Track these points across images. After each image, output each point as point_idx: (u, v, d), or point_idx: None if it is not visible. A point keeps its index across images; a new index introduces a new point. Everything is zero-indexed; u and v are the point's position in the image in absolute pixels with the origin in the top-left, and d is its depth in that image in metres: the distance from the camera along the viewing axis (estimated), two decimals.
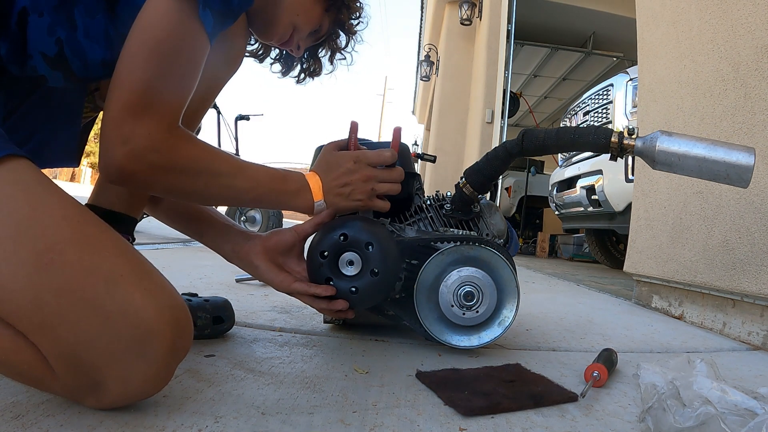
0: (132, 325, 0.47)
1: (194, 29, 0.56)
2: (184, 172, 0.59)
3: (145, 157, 0.55)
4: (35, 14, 0.56)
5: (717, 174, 0.76)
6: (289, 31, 0.75)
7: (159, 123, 0.55)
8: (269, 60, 0.89)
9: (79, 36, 0.59)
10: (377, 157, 0.76)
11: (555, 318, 1.35)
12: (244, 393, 0.60)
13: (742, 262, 1.21)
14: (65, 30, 0.58)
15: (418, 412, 0.59)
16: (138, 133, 0.54)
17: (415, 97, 13.21)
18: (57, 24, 0.57)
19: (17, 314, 0.46)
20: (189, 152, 0.59)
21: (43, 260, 0.46)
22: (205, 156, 0.62)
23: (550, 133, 0.85)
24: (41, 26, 0.57)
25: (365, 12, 0.86)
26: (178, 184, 0.60)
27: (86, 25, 0.59)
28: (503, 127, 4.74)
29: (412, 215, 0.93)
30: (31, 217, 0.47)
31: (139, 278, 0.49)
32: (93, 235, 0.50)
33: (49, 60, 0.59)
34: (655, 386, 0.54)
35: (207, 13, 0.56)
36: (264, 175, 0.68)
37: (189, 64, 0.57)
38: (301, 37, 0.78)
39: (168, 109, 0.56)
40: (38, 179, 0.50)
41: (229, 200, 0.72)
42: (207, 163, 0.62)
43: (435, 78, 7.77)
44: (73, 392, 0.50)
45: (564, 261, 5.02)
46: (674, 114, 1.59)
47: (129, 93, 0.53)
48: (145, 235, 3.46)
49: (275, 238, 0.79)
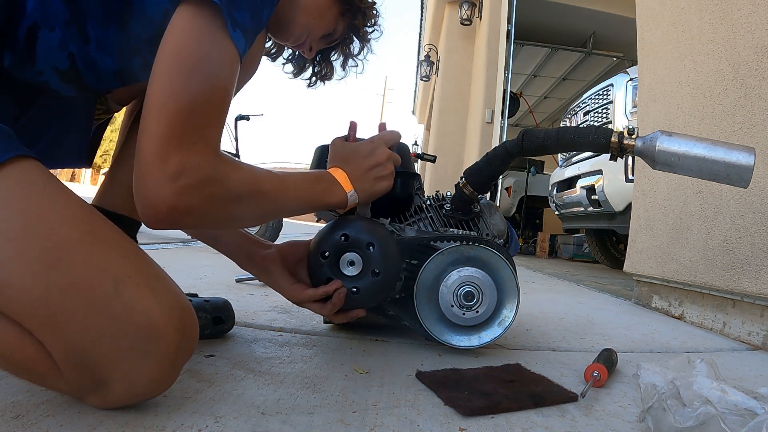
0: (138, 325, 0.47)
1: (226, 47, 0.53)
2: (240, 199, 0.57)
3: (202, 190, 0.51)
4: (46, 29, 0.55)
5: (717, 174, 0.76)
6: (305, 33, 0.75)
7: (207, 151, 0.52)
8: (281, 60, 0.88)
9: (91, 49, 0.59)
10: (392, 137, 0.78)
11: (555, 318, 1.35)
12: (244, 393, 0.60)
13: (742, 262, 1.21)
14: (77, 44, 0.58)
15: (418, 412, 0.59)
16: (190, 165, 0.50)
17: (415, 97, 13.21)
18: (68, 38, 0.57)
19: (24, 312, 0.46)
20: (240, 176, 0.57)
21: (50, 259, 0.46)
22: (252, 177, 0.59)
23: (550, 133, 0.85)
24: (52, 41, 0.56)
25: (379, 22, 0.85)
26: (235, 212, 0.58)
27: (99, 39, 0.58)
28: (503, 127, 4.74)
29: (412, 215, 0.93)
30: (39, 216, 0.47)
31: (146, 279, 0.49)
32: (101, 235, 0.50)
33: (61, 74, 0.59)
34: (655, 386, 0.54)
35: (238, 33, 0.53)
36: (301, 182, 0.67)
37: (227, 85, 0.54)
38: (313, 39, 0.77)
39: (213, 136, 0.53)
40: (46, 180, 0.50)
41: (276, 216, 0.70)
42: (256, 184, 0.59)
43: (435, 78, 7.76)
44: (78, 390, 0.50)
45: (564, 261, 5.02)
46: (674, 114, 1.58)
47: (171, 122, 0.49)
48: (145, 236, 3.46)
49: (292, 248, 0.81)
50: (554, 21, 6.00)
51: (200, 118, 0.51)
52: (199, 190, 0.51)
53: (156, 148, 0.49)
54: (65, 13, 0.56)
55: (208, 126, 0.53)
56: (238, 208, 0.58)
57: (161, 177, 0.49)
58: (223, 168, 0.54)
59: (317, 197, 0.69)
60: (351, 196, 0.72)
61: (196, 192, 0.51)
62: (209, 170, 0.52)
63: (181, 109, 0.50)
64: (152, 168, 0.49)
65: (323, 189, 0.70)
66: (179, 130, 0.49)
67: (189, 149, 0.50)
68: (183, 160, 0.49)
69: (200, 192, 0.51)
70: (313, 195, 0.68)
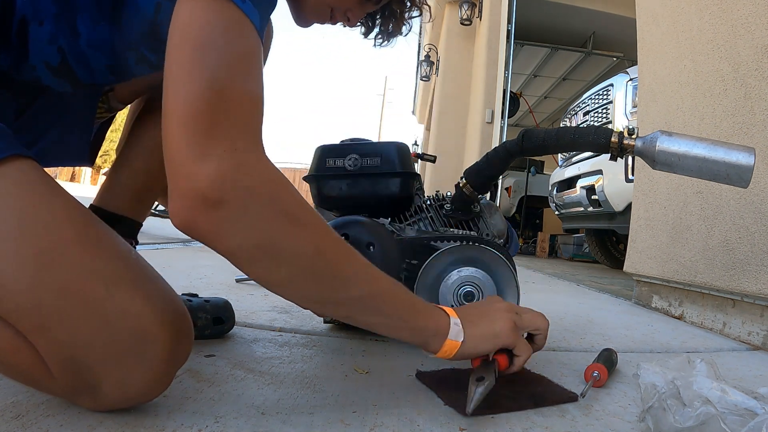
0: (131, 329, 0.46)
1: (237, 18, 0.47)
2: (290, 217, 0.47)
3: (236, 179, 0.43)
4: (35, 23, 0.55)
5: (717, 174, 0.76)
6: (326, 10, 0.68)
7: (241, 133, 0.45)
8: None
9: (81, 44, 0.58)
10: (538, 324, 0.66)
11: (555, 318, 1.35)
12: (244, 393, 0.60)
13: (742, 262, 1.21)
14: (67, 38, 0.57)
15: (418, 412, 0.59)
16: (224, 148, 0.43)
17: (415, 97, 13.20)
18: (58, 32, 0.56)
19: (17, 313, 0.46)
20: (295, 196, 0.48)
21: (44, 260, 0.45)
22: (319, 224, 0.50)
23: (550, 133, 0.85)
24: (42, 35, 0.56)
25: None
26: (279, 234, 0.46)
27: (89, 34, 0.58)
28: (503, 127, 4.74)
29: (412, 215, 0.93)
30: (34, 217, 0.47)
31: (140, 282, 0.49)
32: (96, 237, 0.49)
33: (53, 69, 0.58)
34: (655, 386, 0.54)
35: (248, 5, 0.47)
36: (402, 293, 0.56)
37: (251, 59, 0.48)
38: (343, 11, 0.69)
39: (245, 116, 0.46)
40: (43, 180, 0.49)
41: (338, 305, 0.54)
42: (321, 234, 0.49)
43: (435, 78, 7.76)
44: (70, 394, 0.49)
45: (564, 261, 5.02)
46: (674, 114, 1.58)
47: (191, 104, 0.43)
48: (145, 235, 3.45)
49: None
50: (554, 21, 6.00)
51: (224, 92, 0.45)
52: (231, 177, 0.43)
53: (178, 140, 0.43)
54: (53, 7, 0.55)
55: (236, 101, 0.45)
56: (286, 230, 0.47)
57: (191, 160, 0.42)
58: (266, 163, 0.46)
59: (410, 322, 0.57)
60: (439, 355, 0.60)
61: (228, 180, 0.43)
62: (243, 157, 0.44)
63: (198, 87, 0.44)
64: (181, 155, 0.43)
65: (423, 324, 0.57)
66: (201, 108, 0.43)
67: (216, 130, 0.43)
68: (209, 145, 0.43)
69: (232, 180, 0.43)
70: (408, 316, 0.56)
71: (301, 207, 0.48)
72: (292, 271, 0.48)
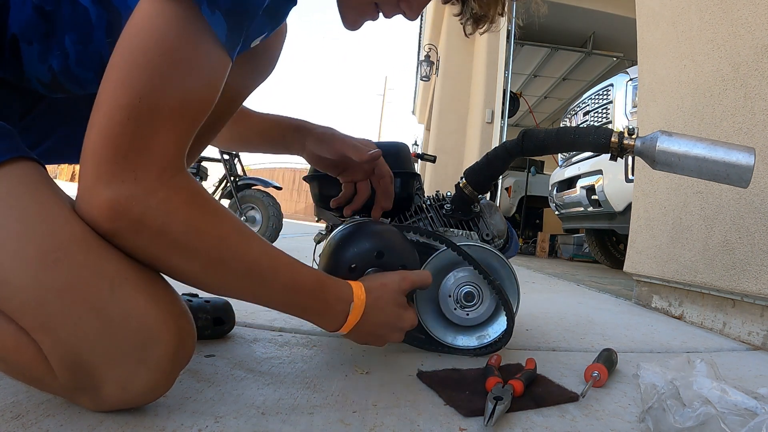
0: (134, 330, 0.47)
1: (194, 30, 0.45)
2: (180, 248, 0.48)
3: (127, 210, 0.44)
4: (24, 42, 0.55)
5: (717, 174, 0.76)
6: (369, 8, 0.65)
7: (151, 162, 0.45)
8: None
9: (71, 64, 0.58)
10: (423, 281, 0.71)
11: (555, 318, 1.35)
12: (244, 393, 0.60)
13: (742, 262, 1.21)
14: (57, 58, 0.57)
15: (418, 412, 0.59)
16: (120, 176, 0.44)
17: (415, 97, 13.22)
18: (47, 52, 0.56)
19: (21, 311, 0.46)
20: (189, 225, 0.48)
21: (48, 259, 0.45)
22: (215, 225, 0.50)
23: (550, 133, 0.85)
24: (32, 54, 0.56)
25: None
26: (169, 264, 0.49)
27: (79, 54, 0.57)
28: (503, 127, 4.74)
29: (412, 215, 0.93)
30: (38, 216, 0.47)
31: (144, 283, 0.49)
32: (99, 237, 0.49)
33: (45, 85, 0.59)
34: (655, 386, 0.54)
35: (217, 16, 0.44)
36: (300, 277, 0.57)
37: (193, 76, 0.46)
38: (391, 3, 0.65)
39: (164, 140, 0.45)
40: (46, 181, 0.49)
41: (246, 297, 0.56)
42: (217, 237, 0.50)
43: (435, 78, 7.76)
44: (72, 393, 0.49)
45: (564, 261, 5.02)
46: (674, 114, 1.59)
47: (110, 118, 0.43)
48: None
49: None
50: (554, 21, 6.00)
51: (149, 121, 0.44)
52: (127, 208, 0.44)
53: (97, 151, 0.44)
54: (42, 26, 0.55)
55: (158, 134, 0.44)
56: (179, 269, 0.49)
57: (93, 181, 0.44)
58: (167, 195, 0.46)
59: (306, 308, 0.59)
60: (340, 332, 0.63)
61: (123, 211, 0.45)
62: (150, 187, 0.45)
63: (121, 104, 0.43)
64: (87, 174, 0.44)
65: (321, 305, 0.60)
66: (117, 130, 0.43)
67: (130, 162, 0.44)
68: (120, 171, 0.44)
69: (127, 213, 0.45)
70: (304, 302, 0.58)
71: (195, 234, 0.48)
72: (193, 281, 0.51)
